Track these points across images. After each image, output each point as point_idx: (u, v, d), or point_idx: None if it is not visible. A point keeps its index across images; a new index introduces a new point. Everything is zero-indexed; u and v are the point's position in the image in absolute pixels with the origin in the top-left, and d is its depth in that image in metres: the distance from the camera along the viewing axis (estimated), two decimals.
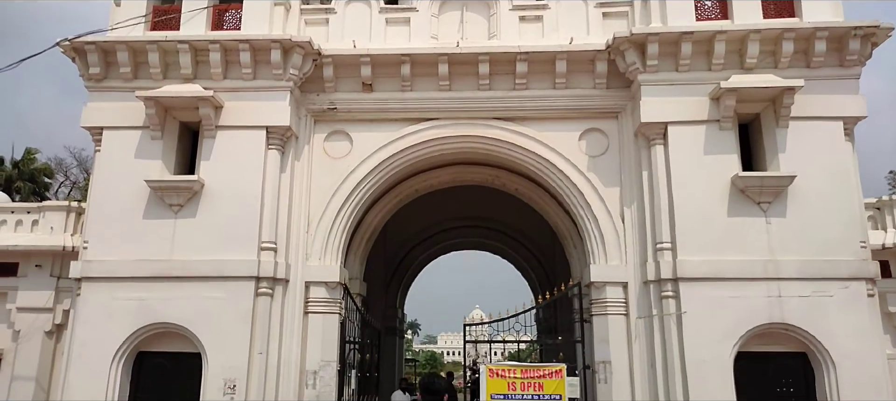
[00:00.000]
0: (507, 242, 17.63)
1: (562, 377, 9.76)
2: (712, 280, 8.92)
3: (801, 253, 8.94)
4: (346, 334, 10.36)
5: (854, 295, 8.76)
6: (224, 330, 9.07)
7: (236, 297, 9.18)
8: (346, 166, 10.23)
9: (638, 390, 9.29)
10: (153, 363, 9.44)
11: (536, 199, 11.48)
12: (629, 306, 9.64)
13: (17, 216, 11.47)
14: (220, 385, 8.93)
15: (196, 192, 9.52)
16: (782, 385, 9.05)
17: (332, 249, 10.04)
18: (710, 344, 8.75)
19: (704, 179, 9.28)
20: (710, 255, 9.01)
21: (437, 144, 10.33)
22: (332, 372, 9.76)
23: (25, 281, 11.16)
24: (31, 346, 10.91)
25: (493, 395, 9.79)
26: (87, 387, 8.90)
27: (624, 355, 9.47)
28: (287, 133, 9.92)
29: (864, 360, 8.57)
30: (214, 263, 9.26)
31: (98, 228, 9.54)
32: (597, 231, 9.91)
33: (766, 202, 9.12)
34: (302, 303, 9.81)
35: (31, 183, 24.90)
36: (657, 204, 9.44)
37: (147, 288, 9.19)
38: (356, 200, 10.21)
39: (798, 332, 8.79)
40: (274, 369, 9.33)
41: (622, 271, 9.72)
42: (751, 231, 9.09)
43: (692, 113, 9.51)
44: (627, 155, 10.04)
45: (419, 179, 11.47)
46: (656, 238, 9.38)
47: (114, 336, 9.07)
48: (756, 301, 8.82)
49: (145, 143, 9.77)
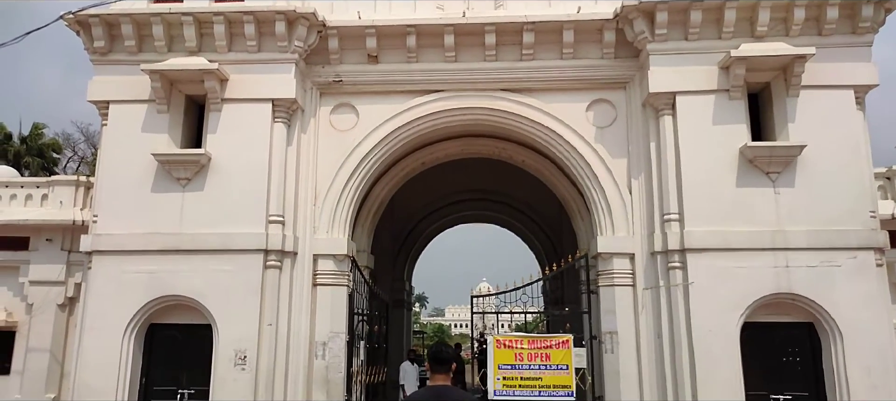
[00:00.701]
0: (513, 214, 17.66)
1: (568, 348, 9.85)
2: (720, 251, 8.91)
3: (809, 223, 8.90)
4: (354, 306, 10.46)
5: (862, 265, 8.74)
6: (234, 302, 9.17)
7: (245, 269, 9.25)
8: (353, 139, 10.21)
9: (644, 360, 9.35)
10: (165, 335, 9.57)
11: (543, 170, 11.45)
12: (636, 277, 9.66)
13: (26, 191, 11.56)
14: (231, 356, 9.05)
15: (203, 165, 9.54)
16: (788, 355, 9.09)
17: (339, 222, 10.08)
18: (716, 314, 8.78)
19: (713, 149, 9.21)
20: (717, 225, 8.99)
21: (444, 116, 10.29)
22: (340, 343, 9.88)
23: (37, 255, 11.30)
24: (44, 318, 11.08)
25: (501, 365, 9.90)
26: (100, 358, 9.05)
27: (630, 326, 9.52)
28: (293, 106, 9.90)
29: (870, 329, 8.58)
30: (223, 237, 9.32)
31: (107, 201, 9.60)
32: (604, 202, 9.89)
33: (774, 172, 9.06)
34: (310, 275, 9.88)
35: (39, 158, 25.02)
36: (665, 175, 9.39)
37: (157, 261, 9.28)
38: (363, 173, 10.21)
39: (805, 302, 8.79)
40: (284, 341, 9.44)
41: (629, 242, 9.72)
42: (759, 202, 9.04)
43: (701, 82, 9.40)
44: (635, 126, 9.97)
45: (425, 152, 11.45)
46: (664, 209, 9.35)
47: (125, 309, 9.19)
48: (763, 272, 8.82)
49: (152, 116, 9.77)
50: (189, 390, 9.34)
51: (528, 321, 11.44)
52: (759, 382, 8.90)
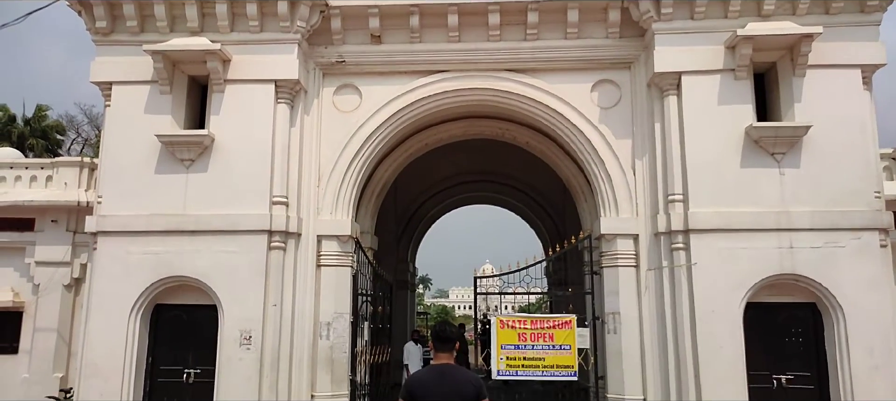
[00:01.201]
0: (517, 196, 17.66)
1: (571, 328, 9.90)
2: (723, 231, 8.90)
3: (814, 204, 8.88)
4: (358, 287, 10.51)
5: (866, 245, 8.73)
6: (239, 283, 9.22)
7: (250, 250, 9.29)
8: (356, 120, 10.19)
9: (647, 340, 9.39)
10: (170, 315, 9.64)
11: (547, 152, 11.41)
12: (639, 258, 9.66)
13: (31, 172, 11.61)
14: (237, 336, 9.12)
15: (206, 146, 9.54)
16: (791, 335, 9.11)
17: (343, 204, 10.09)
18: (719, 295, 8.79)
19: (718, 130, 9.16)
20: (721, 206, 8.97)
21: (447, 97, 10.24)
22: (345, 323, 9.95)
23: (42, 236, 11.38)
24: (50, 299, 11.19)
25: (504, 346, 9.96)
26: (106, 338, 9.13)
27: (633, 307, 9.55)
28: (296, 87, 9.86)
29: (873, 310, 8.59)
30: (227, 218, 9.34)
31: (111, 183, 9.62)
32: (608, 183, 9.87)
33: (780, 153, 9.02)
34: (314, 256, 9.92)
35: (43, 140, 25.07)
36: (669, 155, 9.36)
37: (162, 242, 9.32)
38: (366, 155, 10.20)
39: (808, 282, 8.80)
40: (288, 321, 9.50)
41: (633, 223, 9.72)
42: (763, 182, 9.02)
43: (707, 62, 9.33)
44: (640, 106, 9.92)
45: (429, 133, 11.42)
46: (668, 190, 9.33)
47: (131, 289, 9.25)
48: (767, 252, 8.82)
49: (154, 97, 9.75)
50: (195, 369, 9.42)
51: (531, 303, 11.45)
52: (762, 362, 8.94)
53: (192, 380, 9.41)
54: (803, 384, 8.94)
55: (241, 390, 8.98)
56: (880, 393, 8.38)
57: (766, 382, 8.91)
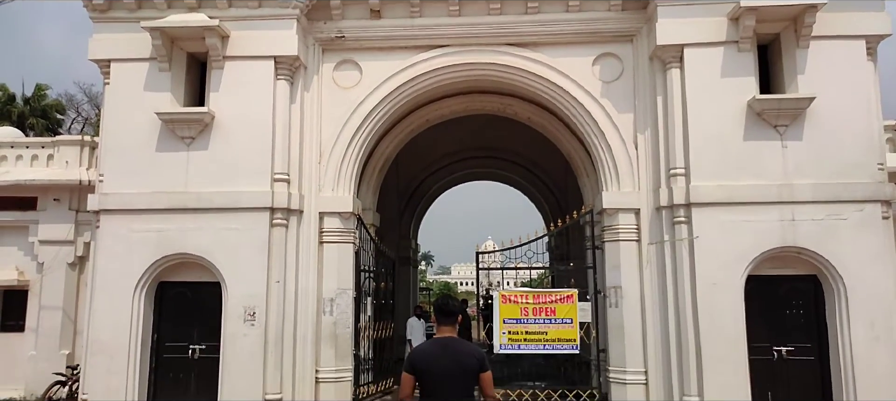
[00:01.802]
0: (519, 172, 17.62)
1: (573, 302, 9.95)
2: (725, 205, 8.89)
3: (816, 176, 8.86)
4: (360, 263, 10.55)
5: (869, 217, 8.72)
6: (242, 260, 9.25)
7: (252, 227, 9.31)
8: (356, 96, 10.14)
9: (648, 313, 9.45)
10: (174, 293, 9.70)
11: (549, 127, 11.36)
12: (641, 233, 9.68)
13: (32, 151, 11.63)
14: (241, 313, 9.19)
15: (207, 124, 9.51)
16: (792, 308, 9.15)
17: (344, 180, 10.09)
18: (721, 268, 8.81)
19: (720, 102, 9.10)
20: (723, 180, 8.95)
21: (448, 72, 10.17)
22: (348, 299, 10.01)
23: (45, 215, 11.44)
24: (55, 277, 11.28)
25: (506, 320, 10.03)
26: (112, 316, 9.20)
27: (635, 281, 9.59)
28: (295, 63, 9.80)
29: (874, 282, 8.61)
30: (229, 195, 9.35)
31: (112, 161, 9.61)
32: (610, 158, 9.84)
33: (782, 125, 8.97)
34: (317, 233, 9.95)
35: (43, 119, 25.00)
36: (671, 129, 9.31)
37: (164, 219, 9.34)
38: (367, 131, 10.17)
39: (810, 255, 8.81)
40: (292, 297, 9.56)
41: (635, 198, 9.71)
42: (766, 155, 8.98)
43: (710, 34, 9.23)
44: (642, 79, 9.84)
45: (430, 109, 11.36)
46: (670, 164, 9.31)
47: (134, 267, 9.29)
48: (769, 225, 8.82)
49: (153, 75, 9.70)
50: (200, 346, 9.51)
51: (533, 278, 11.49)
52: (763, 334, 8.99)
53: (197, 356, 9.50)
54: (803, 356, 9.00)
55: (246, 365, 9.07)
56: (880, 365, 8.44)
57: (766, 354, 8.98)
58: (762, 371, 8.89)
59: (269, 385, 9.17)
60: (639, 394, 9.36)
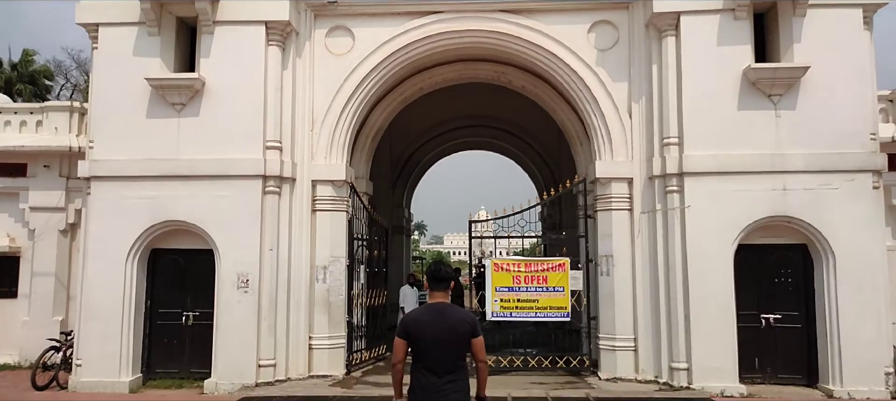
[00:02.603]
0: (513, 141, 17.58)
1: (565, 271, 10.03)
2: (718, 174, 8.93)
3: (809, 146, 8.88)
4: (354, 231, 10.56)
5: (859, 187, 8.78)
6: (234, 227, 9.24)
7: (244, 195, 9.28)
8: (349, 63, 10.03)
9: (639, 281, 9.54)
10: (167, 260, 9.70)
11: (543, 95, 11.30)
12: (634, 202, 9.72)
13: (20, 117, 11.47)
14: (234, 280, 9.21)
15: (198, 90, 9.40)
16: (781, 276, 9.26)
17: (337, 148, 10.04)
18: (712, 237, 8.88)
19: (716, 71, 9.08)
20: (716, 149, 8.97)
21: (442, 39, 10.05)
22: (341, 267, 10.05)
23: (35, 181, 11.35)
24: (47, 244, 11.24)
25: (499, 288, 10.10)
26: (105, 282, 9.20)
27: (627, 249, 9.66)
28: (287, 28, 9.66)
29: (863, 251, 8.71)
30: (221, 162, 9.29)
31: (102, 127, 9.51)
32: (603, 127, 9.82)
33: (777, 95, 8.96)
34: (309, 201, 9.93)
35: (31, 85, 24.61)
36: (666, 98, 9.29)
37: (156, 187, 9.29)
38: (360, 98, 10.08)
39: (800, 224, 8.88)
40: (285, 265, 9.59)
41: (628, 167, 9.73)
42: (759, 124, 8.99)
43: (706, 2, 9.18)
44: (637, 48, 9.78)
45: (423, 77, 11.26)
46: (663, 133, 9.31)
47: (126, 234, 9.26)
48: (760, 194, 8.87)
49: (143, 40, 9.54)
50: (194, 312, 9.54)
51: (525, 248, 11.53)
52: (751, 302, 9.11)
53: (191, 323, 9.54)
54: (791, 324, 9.14)
55: (240, 331, 9.13)
56: (866, 331, 8.59)
57: (754, 321, 9.11)
58: (750, 338, 9.03)
59: (263, 352, 9.24)
60: (628, 360, 9.51)
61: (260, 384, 9.10)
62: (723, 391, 8.57)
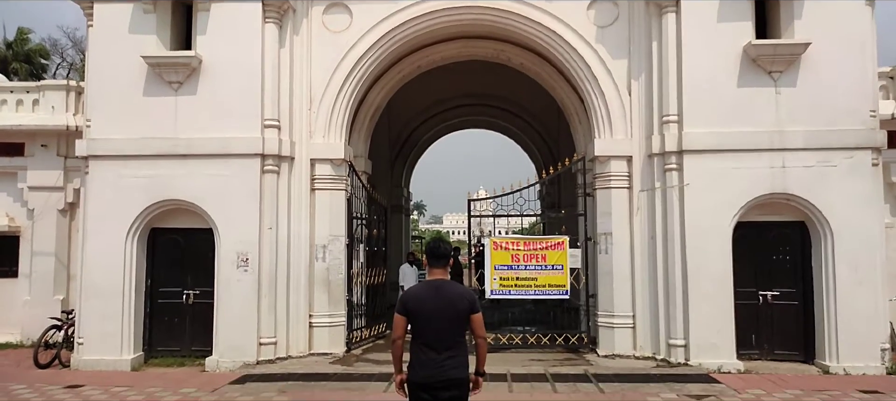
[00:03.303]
0: (512, 120, 17.52)
1: (564, 249, 10.06)
2: (717, 152, 8.91)
3: (808, 123, 8.86)
4: (353, 210, 10.57)
5: (858, 164, 8.78)
6: (233, 206, 9.24)
7: (243, 174, 9.26)
8: (347, 41, 9.95)
9: (637, 259, 9.58)
10: (167, 239, 9.71)
11: (542, 74, 11.23)
12: (632, 180, 9.72)
13: (16, 96, 11.40)
14: (234, 259, 9.23)
15: (194, 68, 9.33)
16: (778, 254, 9.28)
17: (335, 127, 10.00)
18: (710, 214, 8.89)
19: (716, 48, 9.01)
20: (716, 127, 8.94)
21: (440, 16, 9.96)
22: (340, 246, 10.07)
23: (33, 161, 11.32)
24: (46, 223, 11.24)
25: (498, 266, 10.13)
26: (105, 261, 9.21)
27: (625, 228, 9.68)
28: (284, 6, 9.57)
29: (861, 228, 8.72)
30: (219, 141, 9.26)
31: (99, 106, 9.45)
32: (603, 105, 9.78)
33: (777, 72, 8.91)
34: (308, 180, 9.92)
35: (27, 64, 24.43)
36: (665, 75, 9.24)
37: (154, 166, 9.26)
38: (358, 76, 10.03)
39: (799, 201, 8.89)
40: (284, 244, 9.61)
41: (627, 145, 9.71)
42: (759, 102, 8.95)
43: None
44: (637, 25, 9.70)
45: (422, 55, 11.18)
46: (663, 111, 9.27)
47: (125, 213, 9.26)
48: (759, 172, 8.86)
49: (138, 17, 9.45)
50: (194, 291, 9.58)
51: (524, 228, 11.56)
52: (749, 279, 9.15)
53: (191, 301, 9.58)
54: (788, 300, 9.19)
55: (241, 310, 9.17)
56: (863, 307, 8.63)
57: (752, 298, 9.16)
58: (747, 315, 9.09)
59: (264, 330, 9.29)
60: (626, 337, 9.57)
61: (261, 362, 9.17)
62: (720, 368, 8.64)
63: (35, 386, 8.08)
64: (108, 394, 7.68)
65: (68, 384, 8.17)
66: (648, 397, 7.35)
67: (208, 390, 7.85)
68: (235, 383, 8.18)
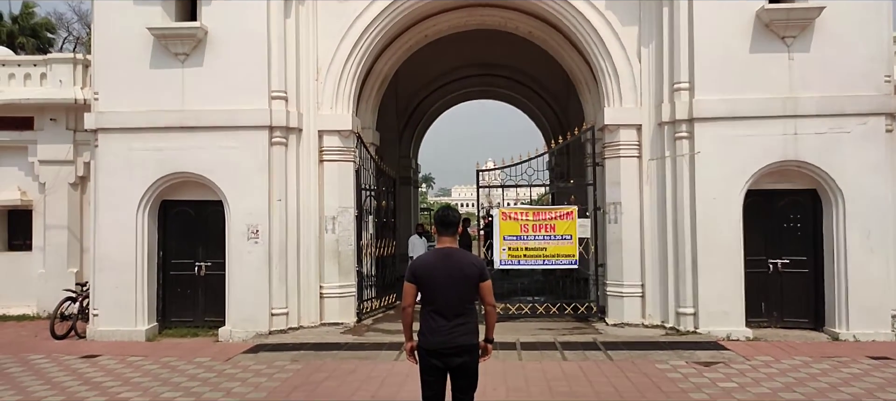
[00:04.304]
0: (520, 90, 17.36)
1: (573, 219, 10.04)
2: (728, 119, 8.81)
3: (822, 89, 8.72)
4: (361, 182, 10.58)
5: (872, 130, 8.66)
6: (242, 178, 9.27)
7: (251, 146, 9.27)
8: (354, 9, 9.84)
9: (647, 229, 9.55)
10: (178, 211, 9.78)
11: (550, 41, 11.09)
12: (642, 149, 9.65)
13: (24, 69, 11.42)
14: (244, 231, 9.29)
15: (200, 39, 9.28)
16: (789, 221, 9.23)
17: (343, 98, 9.96)
18: (721, 183, 8.83)
19: (728, 13, 8.85)
20: (728, 94, 8.83)
21: None
22: (349, 217, 10.11)
23: (43, 135, 11.38)
24: (58, 197, 11.34)
25: (506, 237, 10.14)
26: (117, 234, 9.30)
27: (635, 197, 9.64)
28: None
29: (873, 194, 8.64)
30: (226, 113, 9.25)
31: (106, 79, 9.44)
32: (612, 72, 9.67)
33: (790, 37, 8.75)
34: (316, 152, 9.92)
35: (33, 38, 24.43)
36: (677, 42, 9.10)
37: (163, 138, 9.28)
38: (365, 46, 9.95)
39: (810, 169, 8.80)
40: (293, 215, 9.65)
41: (637, 113, 9.61)
42: (772, 68, 8.82)
43: None
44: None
45: (429, 23, 11.05)
46: (674, 78, 9.15)
47: (135, 186, 9.31)
48: (771, 139, 8.77)
49: None
50: (206, 262, 9.67)
51: (533, 199, 11.51)
52: (759, 247, 9.12)
53: (203, 273, 9.68)
54: (798, 268, 9.16)
55: (252, 282, 9.26)
56: (874, 274, 8.59)
57: (762, 266, 9.14)
58: (757, 283, 9.08)
59: (275, 301, 9.39)
60: (635, 306, 9.60)
61: (273, 332, 9.29)
62: (729, 335, 8.66)
63: (52, 356, 8.24)
64: (124, 363, 7.82)
65: (85, 354, 8.32)
66: (657, 365, 7.40)
67: (222, 359, 7.97)
68: (249, 352, 8.30)
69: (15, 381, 7.10)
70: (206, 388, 6.71)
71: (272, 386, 6.74)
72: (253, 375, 7.20)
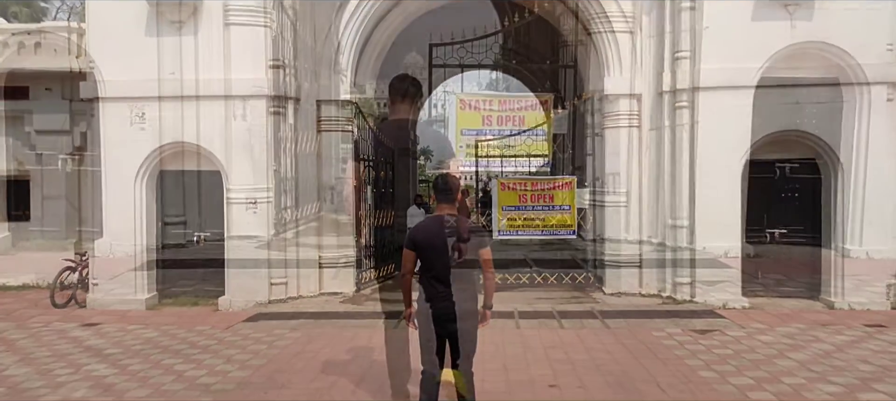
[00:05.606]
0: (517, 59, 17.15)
1: (571, 189, 10.04)
2: (729, 88, 8.74)
3: (823, 58, 8.64)
4: (360, 152, 10.53)
5: (873, 99, 8.61)
6: (240, 148, 9.19)
7: (249, 115, 9.18)
8: None
9: (645, 199, 9.56)
10: (176, 181, 9.76)
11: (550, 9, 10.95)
12: (642, 119, 9.61)
13: (18, 38, 11.24)
14: (242, 200, 9.25)
15: (196, 7, 9.13)
16: (788, 191, 9.24)
17: (341, 68, 9.87)
18: (721, 152, 8.80)
19: None
20: (729, 62, 8.74)
21: None
22: (348, 187, 10.09)
23: (39, 104, 11.30)
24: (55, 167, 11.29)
25: (505, 207, 10.15)
26: (115, 204, 9.26)
27: (634, 167, 9.63)
28: None
29: (873, 165, 8.62)
30: (223, 82, 9.14)
31: (102, 47, 9.31)
32: (613, 41, 9.58)
33: (793, 4, 8.64)
34: (314, 121, 9.87)
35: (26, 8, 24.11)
36: (678, 10, 8.99)
37: (159, 107, 9.18)
38: (363, 14, 9.84)
39: (811, 138, 8.78)
40: (292, 185, 9.62)
41: (637, 83, 9.58)
42: (774, 36, 8.71)
43: None
44: None
45: None
46: (675, 47, 9.07)
47: (133, 155, 9.24)
48: (772, 108, 8.72)
49: None
50: (205, 232, 9.68)
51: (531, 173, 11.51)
52: (758, 217, 9.16)
53: (203, 242, 9.70)
54: (796, 238, 9.19)
55: (251, 250, 9.26)
56: (871, 243, 8.61)
57: (760, 236, 9.16)
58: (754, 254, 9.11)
59: (274, 270, 9.40)
60: (633, 277, 9.65)
61: (272, 301, 9.33)
62: (725, 304, 8.72)
63: (52, 325, 8.29)
64: (125, 331, 7.87)
65: (85, 322, 8.37)
66: (654, 332, 7.47)
67: (223, 327, 8.02)
68: (249, 320, 8.36)
69: (16, 346, 7.15)
70: (206, 355, 6.77)
71: (273, 354, 6.80)
72: (253, 342, 7.26)
